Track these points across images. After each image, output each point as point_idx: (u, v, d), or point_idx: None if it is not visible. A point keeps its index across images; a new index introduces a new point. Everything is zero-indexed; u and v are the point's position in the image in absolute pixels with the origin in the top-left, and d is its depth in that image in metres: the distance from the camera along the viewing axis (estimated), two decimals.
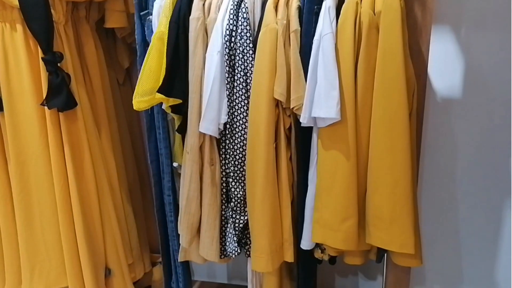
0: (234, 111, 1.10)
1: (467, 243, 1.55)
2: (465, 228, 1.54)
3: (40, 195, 1.22)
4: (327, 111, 1.00)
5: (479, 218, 1.51)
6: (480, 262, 1.56)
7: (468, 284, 1.60)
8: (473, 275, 1.58)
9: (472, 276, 1.59)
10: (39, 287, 1.28)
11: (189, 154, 1.11)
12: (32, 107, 1.17)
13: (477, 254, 1.56)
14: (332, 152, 1.05)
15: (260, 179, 1.09)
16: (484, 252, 1.55)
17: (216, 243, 1.18)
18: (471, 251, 1.56)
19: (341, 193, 1.06)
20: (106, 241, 1.32)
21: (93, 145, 1.26)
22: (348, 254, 1.22)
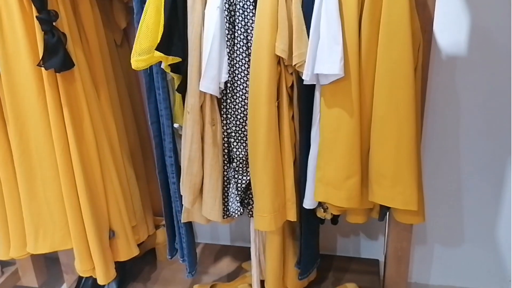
0: (235, 69, 1.08)
1: (468, 201, 1.56)
2: (466, 187, 1.54)
3: (41, 157, 1.21)
4: (330, 67, 0.97)
5: (481, 177, 1.51)
6: (481, 221, 1.57)
7: (469, 242, 1.62)
8: (474, 233, 1.60)
9: (473, 235, 1.60)
10: (44, 249, 1.29)
11: (190, 114, 1.10)
12: (28, 68, 1.15)
13: (478, 213, 1.57)
14: (335, 110, 1.04)
15: (262, 139, 1.07)
16: (485, 211, 1.56)
17: (219, 203, 1.17)
18: (473, 210, 1.56)
19: (344, 151, 1.05)
20: (109, 204, 1.32)
21: (92, 107, 1.24)
22: (351, 212, 1.23)
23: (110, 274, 1.34)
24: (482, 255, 1.62)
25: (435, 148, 1.50)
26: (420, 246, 1.66)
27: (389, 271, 1.42)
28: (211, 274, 1.63)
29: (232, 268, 1.66)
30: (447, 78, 1.41)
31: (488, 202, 1.54)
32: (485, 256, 1.61)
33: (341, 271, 1.63)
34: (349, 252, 1.75)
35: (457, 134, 1.48)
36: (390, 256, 1.39)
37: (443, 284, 1.71)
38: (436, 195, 1.56)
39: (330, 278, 1.59)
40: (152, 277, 1.62)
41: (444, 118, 1.46)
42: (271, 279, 1.32)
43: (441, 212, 1.58)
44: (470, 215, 1.57)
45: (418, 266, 1.70)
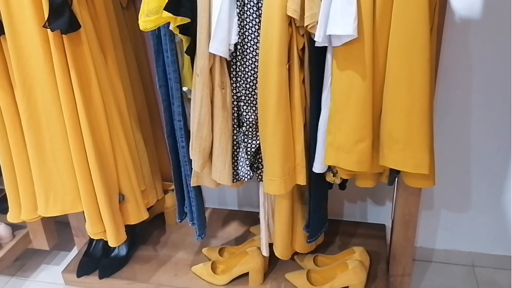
0: (245, 30, 1.05)
1: (476, 167, 1.55)
2: (475, 152, 1.53)
3: (49, 121, 1.21)
4: (343, 28, 0.95)
5: (490, 142, 1.50)
6: (488, 187, 1.57)
7: (475, 209, 1.62)
8: (481, 199, 1.60)
9: (480, 200, 1.61)
10: (55, 212, 1.30)
11: (199, 77, 1.08)
12: (34, 29, 1.12)
13: (486, 180, 1.56)
14: (347, 72, 1.02)
15: (272, 102, 1.06)
16: (493, 178, 1.55)
17: (229, 167, 1.17)
18: (481, 176, 1.56)
19: (356, 115, 1.04)
20: (118, 168, 1.33)
21: (99, 70, 1.23)
22: (360, 177, 1.22)
23: (120, 237, 1.36)
24: (488, 220, 1.63)
25: (445, 112, 1.48)
26: (427, 211, 1.67)
27: (396, 236, 1.43)
28: (219, 238, 1.65)
29: (240, 232, 1.68)
30: (460, 41, 1.38)
31: (496, 168, 1.54)
32: (491, 221, 1.62)
33: (347, 235, 1.65)
34: (356, 217, 1.77)
35: (468, 99, 1.46)
36: (398, 220, 1.40)
37: (449, 248, 1.73)
38: (444, 160, 1.55)
39: (337, 242, 1.61)
40: (161, 241, 1.65)
41: (456, 82, 1.44)
42: (280, 242, 1.34)
43: (449, 177, 1.58)
44: (478, 180, 1.57)
45: (424, 230, 1.71)
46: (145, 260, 1.55)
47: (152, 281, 1.46)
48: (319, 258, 1.50)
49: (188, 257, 1.56)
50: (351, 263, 1.35)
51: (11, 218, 1.37)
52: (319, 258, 1.50)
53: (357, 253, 1.43)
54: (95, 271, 1.50)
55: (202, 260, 1.53)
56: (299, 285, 1.40)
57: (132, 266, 1.53)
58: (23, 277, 1.75)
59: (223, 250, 1.56)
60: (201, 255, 1.56)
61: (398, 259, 1.47)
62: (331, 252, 1.54)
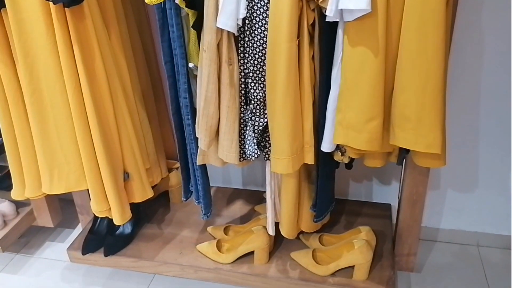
0: (254, 4, 1.01)
1: (484, 148, 1.53)
2: (483, 132, 1.51)
3: (52, 97, 1.18)
4: (356, 2, 0.91)
5: (498, 122, 1.47)
6: (496, 168, 1.56)
7: (482, 189, 1.61)
8: (488, 179, 1.59)
9: (487, 182, 1.59)
10: (60, 190, 1.29)
11: (206, 53, 1.05)
12: (36, 2, 1.09)
13: (493, 160, 1.54)
14: (359, 49, 0.98)
15: (281, 79, 1.03)
16: (501, 158, 1.53)
17: (236, 145, 1.15)
18: (488, 156, 1.54)
19: (367, 92, 1.01)
20: (122, 145, 1.30)
21: (103, 46, 1.19)
22: (369, 156, 1.21)
23: (126, 215, 1.35)
24: (494, 200, 1.61)
25: (453, 90, 1.45)
26: (433, 190, 1.66)
27: (403, 215, 1.43)
28: (224, 216, 1.65)
29: (244, 211, 1.68)
30: (473, 17, 1.34)
31: (504, 148, 1.52)
32: (497, 201, 1.61)
33: (353, 214, 1.64)
34: (361, 196, 1.76)
35: (478, 78, 1.43)
36: (405, 200, 1.39)
37: (454, 228, 1.72)
38: (452, 140, 1.53)
39: (342, 222, 1.61)
40: (166, 219, 1.64)
41: (465, 58, 1.40)
42: (286, 221, 1.33)
43: (456, 157, 1.56)
44: (485, 160, 1.55)
45: (430, 210, 1.70)
46: (150, 238, 1.55)
47: (157, 259, 1.46)
48: (324, 237, 1.49)
49: (193, 235, 1.56)
50: (357, 242, 1.35)
51: (15, 195, 1.36)
52: (325, 237, 1.49)
53: (363, 232, 1.42)
54: (100, 249, 1.49)
55: (207, 239, 1.53)
56: (305, 264, 1.40)
57: (137, 244, 1.52)
58: (28, 254, 1.75)
59: (228, 228, 1.55)
60: (206, 234, 1.56)
61: (404, 239, 1.47)
62: (337, 231, 1.54)
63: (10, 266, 1.70)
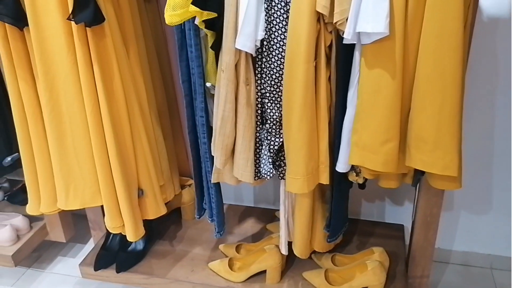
0: (272, 26, 1.03)
1: (498, 170, 1.52)
2: (498, 154, 1.50)
3: (71, 114, 1.20)
4: (374, 25, 0.92)
5: None
6: (509, 191, 1.54)
7: (496, 211, 1.60)
8: (501, 202, 1.57)
9: (501, 204, 1.58)
10: (75, 205, 1.30)
11: (224, 73, 1.06)
12: (58, 22, 1.11)
13: (507, 182, 1.53)
14: (376, 71, 0.99)
15: (298, 100, 1.04)
16: None
17: (251, 164, 1.16)
18: (502, 178, 1.53)
19: (383, 114, 1.01)
20: (138, 162, 1.32)
21: (122, 64, 1.21)
22: (384, 177, 1.20)
23: (139, 232, 1.35)
24: (507, 223, 1.60)
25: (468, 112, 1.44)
26: (446, 212, 1.65)
27: (417, 237, 1.41)
28: (236, 234, 1.64)
29: (256, 229, 1.67)
30: (488, 40, 1.35)
31: None
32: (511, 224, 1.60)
33: (366, 235, 1.63)
34: (374, 216, 1.75)
35: (492, 100, 1.43)
36: (419, 221, 1.38)
37: (467, 250, 1.70)
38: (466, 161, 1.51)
39: (355, 242, 1.59)
40: (178, 236, 1.64)
41: (481, 81, 1.41)
42: (299, 241, 1.32)
43: (470, 178, 1.55)
44: (499, 183, 1.54)
45: (443, 232, 1.69)
46: (162, 255, 1.54)
47: (169, 276, 1.45)
48: (337, 258, 1.48)
49: (205, 253, 1.55)
50: (370, 263, 1.34)
51: (30, 211, 1.37)
52: (337, 258, 1.48)
53: (376, 253, 1.41)
54: (112, 265, 1.49)
55: (219, 257, 1.52)
56: (317, 284, 1.39)
57: (149, 261, 1.52)
58: (40, 268, 1.76)
59: (240, 247, 1.55)
60: (217, 252, 1.55)
61: (418, 261, 1.45)
62: (349, 251, 1.53)
63: (21, 280, 1.70)
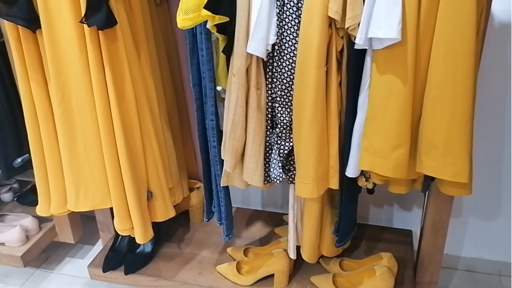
0: (284, 31, 1.03)
1: (507, 177, 1.52)
2: (507, 161, 1.49)
3: (82, 116, 1.21)
4: (387, 31, 0.92)
5: None
6: None
7: (505, 217, 1.59)
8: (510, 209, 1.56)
9: (510, 210, 1.57)
10: (85, 207, 1.30)
11: (235, 77, 1.07)
12: (70, 24, 1.12)
13: None
14: (387, 76, 0.99)
15: (309, 105, 1.04)
16: None
17: (261, 168, 1.16)
18: None
19: (394, 120, 1.01)
20: (147, 165, 1.32)
21: (133, 67, 1.22)
22: (393, 183, 1.20)
23: (148, 234, 1.36)
24: None
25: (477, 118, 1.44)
26: (455, 218, 1.64)
27: (425, 243, 1.41)
28: (243, 238, 1.64)
29: (264, 233, 1.67)
30: (500, 46, 1.34)
31: None
32: None
33: (373, 240, 1.63)
34: (382, 221, 1.74)
35: (503, 106, 1.42)
36: (428, 227, 1.37)
37: (475, 256, 1.69)
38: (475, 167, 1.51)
39: (362, 247, 1.59)
40: (185, 239, 1.64)
41: (491, 88, 1.40)
42: (308, 245, 1.32)
43: (479, 185, 1.54)
44: (508, 189, 1.54)
45: (451, 238, 1.68)
46: (169, 258, 1.55)
47: (176, 279, 1.46)
48: (345, 262, 1.48)
49: (213, 256, 1.55)
50: (378, 269, 1.33)
51: (40, 212, 1.38)
52: (345, 262, 1.48)
53: (385, 259, 1.41)
54: (120, 267, 1.50)
55: (227, 260, 1.52)
56: None
57: (157, 263, 1.52)
58: (48, 269, 1.77)
59: (247, 250, 1.54)
60: (225, 255, 1.55)
61: (426, 266, 1.44)
62: (357, 256, 1.52)
63: (30, 281, 1.71)
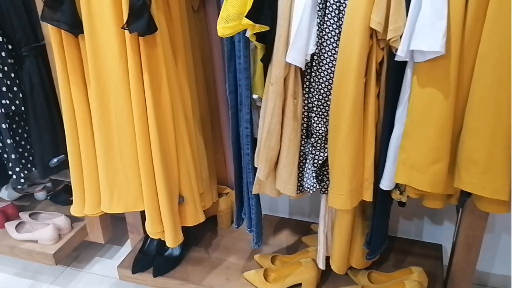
0: (323, 41, 1.03)
1: None
2: None
3: (119, 120, 1.23)
4: (430, 43, 0.91)
5: None
6: None
7: None
8: None
9: None
10: (118, 209, 1.32)
11: (273, 86, 1.07)
12: (112, 30, 1.15)
13: None
14: (428, 90, 0.98)
15: (346, 115, 1.04)
16: None
17: (294, 177, 1.16)
18: None
19: (434, 134, 1.00)
20: (180, 170, 1.33)
21: (170, 73, 1.24)
22: (429, 197, 1.18)
23: (178, 238, 1.37)
24: None
25: None
26: (487, 234, 1.60)
27: (457, 258, 1.38)
28: (270, 245, 1.64)
29: (291, 241, 1.67)
30: None
31: None
32: None
33: (403, 253, 1.60)
34: (411, 234, 1.72)
35: None
36: (460, 243, 1.34)
37: (506, 274, 1.65)
38: None
39: (391, 260, 1.57)
40: (213, 243, 1.65)
41: None
42: (337, 256, 1.31)
43: None
44: None
45: (483, 254, 1.64)
46: (197, 262, 1.56)
47: (204, 283, 1.46)
48: (373, 275, 1.46)
49: (240, 262, 1.56)
50: (408, 283, 1.31)
51: (74, 212, 1.41)
52: (374, 275, 1.46)
53: (415, 273, 1.38)
54: (148, 269, 1.51)
55: (253, 266, 1.52)
56: None
57: (185, 267, 1.54)
58: (78, 268, 1.80)
59: (275, 258, 1.54)
60: (252, 261, 1.55)
61: (457, 283, 1.42)
62: (385, 269, 1.50)
63: (60, 278, 1.75)
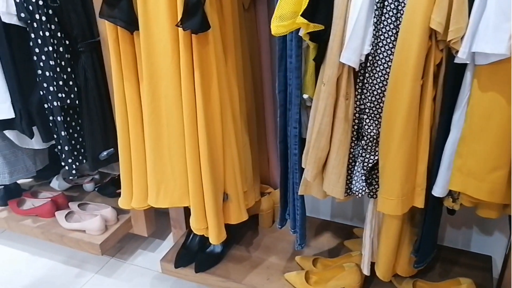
0: (379, 41, 1.00)
1: None
2: None
3: (169, 117, 1.25)
4: (495, 46, 0.87)
5: None
6: None
7: None
8: None
9: None
10: (164, 204, 1.35)
11: (326, 86, 1.05)
12: (166, 28, 1.16)
13: None
14: (490, 94, 0.94)
15: (400, 118, 1.01)
16: None
17: (343, 180, 1.14)
18: None
19: (495, 140, 0.95)
20: (226, 167, 1.34)
21: (220, 72, 1.24)
22: (484, 206, 1.13)
23: (222, 235, 1.38)
24: None
25: None
26: None
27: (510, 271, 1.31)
28: (312, 247, 1.62)
29: (333, 244, 1.64)
30: None
31: None
32: None
33: (449, 263, 1.54)
34: (458, 244, 1.65)
35: None
36: None
37: None
38: None
39: (437, 269, 1.51)
40: (254, 243, 1.65)
41: None
42: (383, 263, 1.28)
43: None
44: None
45: None
46: (238, 260, 1.56)
47: (245, 282, 1.46)
48: (418, 284, 1.41)
49: (281, 262, 1.55)
50: None
51: (122, 204, 1.44)
52: (419, 284, 1.41)
53: (464, 285, 1.33)
54: (190, 264, 1.53)
55: (294, 267, 1.51)
56: None
57: (226, 264, 1.54)
58: (122, 259, 1.84)
59: (316, 260, 1.52)
60: (293, 263, 1.54)
61: None
62: (431, 278, 1.45)
63: (105, 268, 1.80)
